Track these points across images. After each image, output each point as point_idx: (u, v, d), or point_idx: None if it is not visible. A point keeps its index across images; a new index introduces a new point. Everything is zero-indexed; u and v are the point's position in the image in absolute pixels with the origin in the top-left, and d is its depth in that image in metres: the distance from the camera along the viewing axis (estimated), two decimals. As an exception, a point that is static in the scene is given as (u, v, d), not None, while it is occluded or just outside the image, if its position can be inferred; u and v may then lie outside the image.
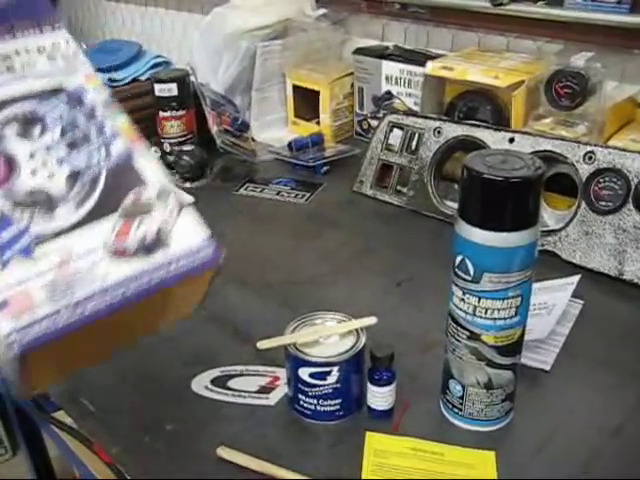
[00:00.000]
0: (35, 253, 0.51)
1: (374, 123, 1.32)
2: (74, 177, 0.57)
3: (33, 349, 0.48)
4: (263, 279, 0.91)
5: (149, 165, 0.59)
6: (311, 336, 0.67)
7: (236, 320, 0.61)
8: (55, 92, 0.60)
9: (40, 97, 0.59)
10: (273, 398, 0.69)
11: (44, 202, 0.54)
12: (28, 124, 0.57)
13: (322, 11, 1.47)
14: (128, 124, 0.61)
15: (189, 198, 0.59)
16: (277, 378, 0.72)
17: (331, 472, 0.61)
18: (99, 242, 0.54)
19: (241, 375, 0.74)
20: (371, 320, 0.67)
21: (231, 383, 0.73)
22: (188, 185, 1.21)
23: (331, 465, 0.62)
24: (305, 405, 0.67)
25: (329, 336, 0.67)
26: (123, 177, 0.58)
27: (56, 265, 0.51)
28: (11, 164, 0.55)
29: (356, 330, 0.68)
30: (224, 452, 0.63)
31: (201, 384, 0.72)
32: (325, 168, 1.26)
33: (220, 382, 0.73)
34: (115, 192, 0.57)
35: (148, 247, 0.55)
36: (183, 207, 0.58)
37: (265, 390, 0.72)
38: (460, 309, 0.61)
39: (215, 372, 0.74)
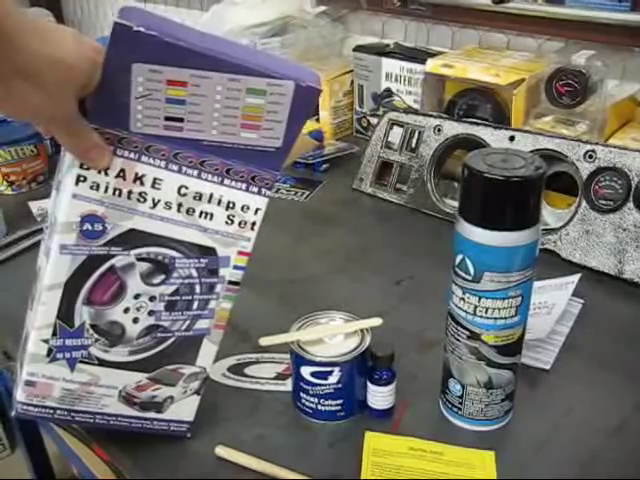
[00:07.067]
0: (77, 366, 0.58)
1: (374, 121, 1.32)
2: (150, 330, 0.59)
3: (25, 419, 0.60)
4: (262, 277, 0.90)
5: (210, 350, 0.61)
6: (314, 335, 0.67)
7: (235, 317, 0.61)
8: (204, 251, 0.57)
9: (188, 250, 0.56)
10: (290, 384, 0.69)
11: (115, 337, 0.58)
12: (156, 270, 0.56)
13: (322, 8, 1.47)
14: (229, 312, 0.60)
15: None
16: None
17: (330, 472, 0.61)
18: (121, 385, 0.60)
19: (257, 362, 0.74)
20: (376, 321, 0.67)
21: (247, 370, 0.73)
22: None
23: (330, 465, 0.62)
24: (306, 403, 0.67)
25: (334, 335, 0.67)
26: (184, 350, 0.61)
27: (82, 382, 0.59)
28: (118, 293, 0.56)
29: (361, 331, 0.67)
30: (223, 451, 0.63)
31: (218, 372, 0.73)
32: (325, 166, 1.26)
33: (237, 370, 0.73)
34: (168, 359, 0.61)
35: (148, 405, 0.62)
36: (198, 392, 0.63)
37: (282, 377, 0.72)
38: (460, 308, 0.61)
39: (231, 360, 0.74)
